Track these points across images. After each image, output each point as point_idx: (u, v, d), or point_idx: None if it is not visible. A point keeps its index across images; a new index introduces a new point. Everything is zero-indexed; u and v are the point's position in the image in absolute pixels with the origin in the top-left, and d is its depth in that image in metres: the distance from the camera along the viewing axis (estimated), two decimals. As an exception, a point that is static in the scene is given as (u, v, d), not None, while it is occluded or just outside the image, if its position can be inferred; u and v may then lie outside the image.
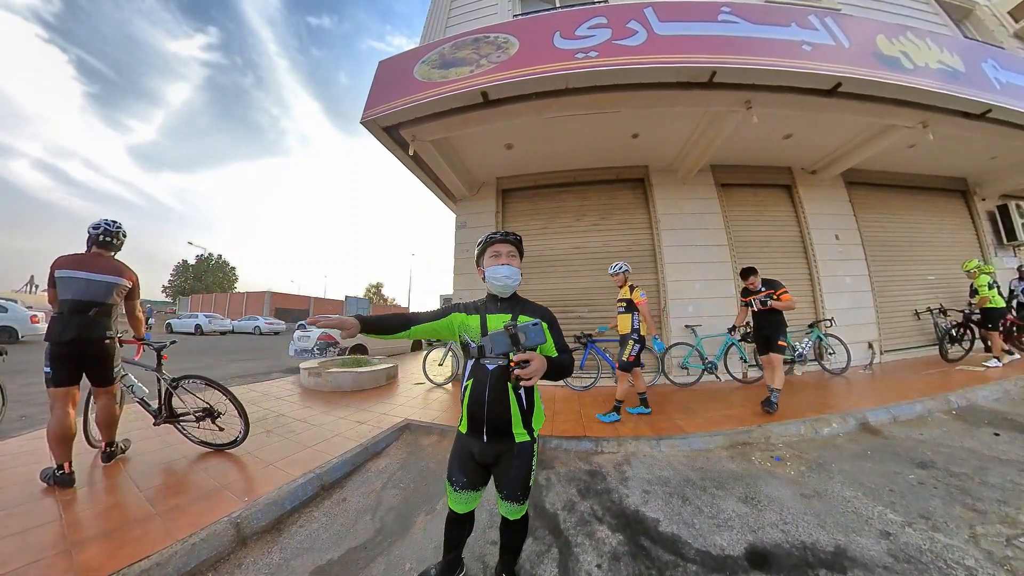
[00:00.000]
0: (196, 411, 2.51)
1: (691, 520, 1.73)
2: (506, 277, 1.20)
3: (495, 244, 1.24)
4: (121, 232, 2.26)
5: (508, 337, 1.01)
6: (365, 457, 2.55)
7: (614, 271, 3.38)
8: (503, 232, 1.26)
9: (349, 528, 1.77)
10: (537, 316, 1.17)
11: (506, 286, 1.21)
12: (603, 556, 1.50)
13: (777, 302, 3.25)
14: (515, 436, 1.14)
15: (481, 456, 1.18)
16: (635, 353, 3.11)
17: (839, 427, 2.79)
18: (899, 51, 3.82)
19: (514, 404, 1.13)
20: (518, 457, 1.15)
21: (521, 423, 1.15)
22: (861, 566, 1.39)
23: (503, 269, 1.20)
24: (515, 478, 1.16)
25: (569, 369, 1.16)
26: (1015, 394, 3.49)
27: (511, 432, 1.14)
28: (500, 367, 1.13)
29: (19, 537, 1.55)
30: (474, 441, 1.17)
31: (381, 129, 3.95)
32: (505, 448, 1.15)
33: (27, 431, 2.89)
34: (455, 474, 1.22)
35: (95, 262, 2.11)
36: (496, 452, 1.16)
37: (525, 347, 1.02)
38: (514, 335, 1.01)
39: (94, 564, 1.41)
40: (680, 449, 2.54)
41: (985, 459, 2.25)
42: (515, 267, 1.22)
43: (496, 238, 1.25)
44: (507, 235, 1.25)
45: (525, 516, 1.26)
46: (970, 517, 1.68)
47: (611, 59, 3.25)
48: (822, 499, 1.88)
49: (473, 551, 1.55)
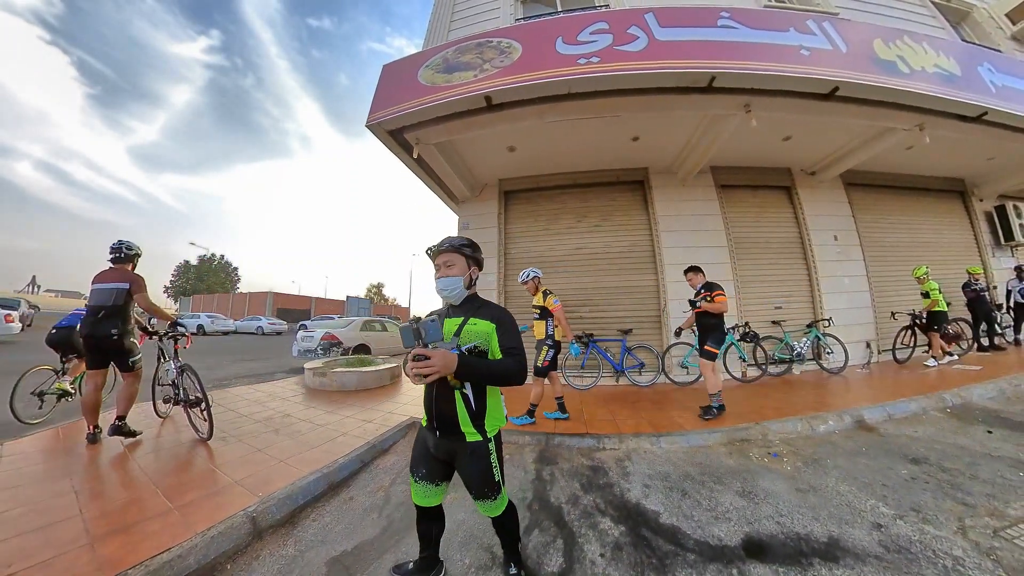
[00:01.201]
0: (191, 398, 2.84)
1: (690, 513, 1.79)
2: (442, 289, 1.23)
3: (436, 256, 1.25)
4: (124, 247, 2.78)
5: (412, 332, 1.06)
6: (373, 454, 2.62)
7: (523, 279, 3.34)
8: (440, 242, 1.26)
9: (359, 523, 1.83)
10: (487, 318, 1.19)
11: (446, 297, 1.24)
12: (606, 546, 1.56)
13: (709, 304, 3.14)
14: (465, 435, 1.15)
15: (436, 450, 1.21)
16: (549, 358, 3.11)
17: (835, 424, 2.86)
18: (896, 55, 3.88)
19: (459, 403, 1.14)
20: (471, 457, 1.16)
21: (470, 423, 1.15)
22: (853, 556, 1.46)
23: (439, 282, 1.23)
24: (474, 477, 1.17)
25: (511, 374, 1.11)
26: (1010, 392, 3.55)
27: (460, 431, 1.15)
28: None
29: (41, 532, 1.61)
30: (430, 435, 1.22)
31: (386, 132, 4.01)
32: (458, 447, 1.17)
33: (33, 431, 2.94)
34: (415, 464, 1.26)
35: (104, 274, 2.70)
36: (448, 449, 1.19)
37: (426, 342, 1.05)
38: (416, 330, 1.06)
39: (116, 556, 1.47)
40: (680, 446, 2.60)
41: (977, 455, 2.31)
42: (453, 276, 1.22)
43: (431, 251, 1.26)
44: (442, 245, 1.25)
45: (508, 510, 1.26)
46: (959, 510, 1.74)
47: (612, 65, 3.31)
48: (817, 493, 1.94)
49: (482, 542, 1.62)
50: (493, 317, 1.20)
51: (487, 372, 1.12)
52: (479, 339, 1.17)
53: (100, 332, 2.57)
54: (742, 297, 5.03)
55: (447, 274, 1.22)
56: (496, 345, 1.18)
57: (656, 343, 4.87)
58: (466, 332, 1.18)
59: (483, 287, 5.37)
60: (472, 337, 1.17)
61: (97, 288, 2.63)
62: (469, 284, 1.26)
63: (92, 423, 2.63)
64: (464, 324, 1.19)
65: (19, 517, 1.72)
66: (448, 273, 1.22)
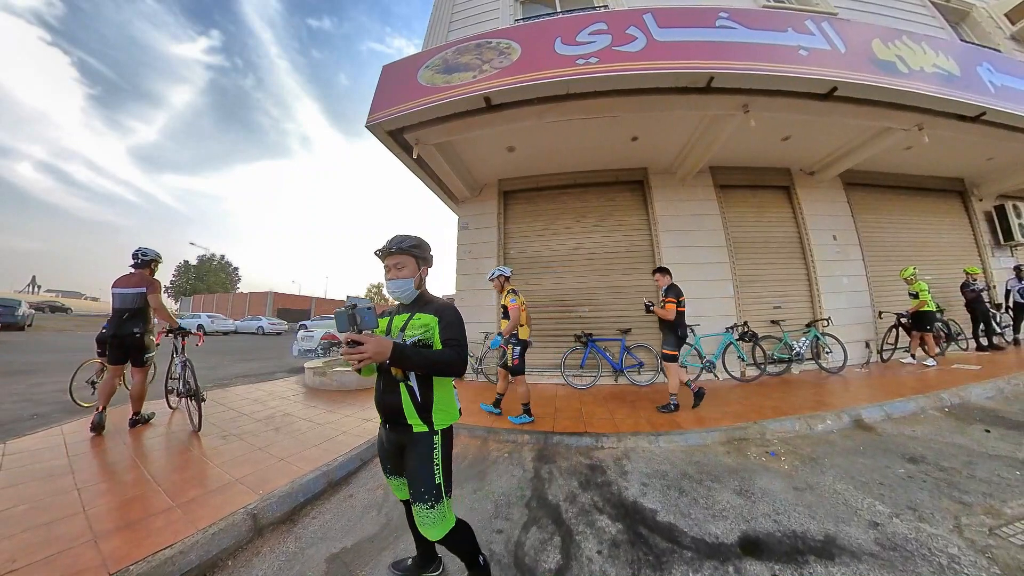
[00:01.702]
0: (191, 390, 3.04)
1: (687, 511, 1.80)
2: (393, 291, 1.25)
3: (385, 258, 1.25)
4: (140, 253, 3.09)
5: (347, 317, 1.06)
6: (372, 453, 2.63)
7: (490, 277, 3.39)
8: (387, 244, 1.25)
9: (358, 520, 1.85)
10: (430, 312, 1.22)
11: (397, 298, 1.26)
12: (603, 543, 1.58)
13: (659, 309, 3.26)
14: (412, 426, 1.17)
15: (388, 443, 1.25)
16: (517, 356, 3.08)
17: (833, 424, 2.87)
18: (894, 55, 3.88)
19: (404, 395, 1.16)
20: (414, 447, 1.16)
21: (416, 414, 1.16)
22: (849, 554, 1.47)
23: (390, 284, 1.25)
24: (413, 468, 1.15)
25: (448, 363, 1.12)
26: (1008, 392, 3.56)
27: (407, 422, 1.17)
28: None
29: (44, 528, 1.63)
30: (384, 429, 1.26)
31: (386, 133, 4.03)
32: (405, 438, 1.19)
33: (40, 429, 2.97)
34: (381, 460, 1.31)
35: (126, 279, 3.00)
36: (397, 441, 1.21)
37: (360, 328, 1.06)
38: (351, 315, 1.06)
39: (119, 552, 1.49)
40: (678, 445, 2.61)
41: (974, 454, 2.31)
42: (404, 278, 1.23)
43: (380, 253, 1.26)
44: (390, 248, 1.24)
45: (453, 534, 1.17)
46: (956, 509, 1.75)
47: (611, 65, 3.32)
48: (814, 492, 1.95)
49: (481, 538, 1.63)
50: (436, 311, 1.23)
51: (423, 361, 1.11)
52: (422, 332, 1.19)
53: (124, 331, 2.91)
54: (741, 297, 5.04)
55: (398, 276, 1.23)
56: (438, 338, 1.20)
57: (655, 343, 4.87)
58: (411, 327, 1.21)
59: (483, 287, 5.39)
60: (416, 331, 1.20)
61: (119, 292, 2.96)
62: (419, 284, 1.29)
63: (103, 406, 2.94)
64: (410, 319, 1.22)
65: (23, 514, 1.74)
66: (399, 275, 1.23)
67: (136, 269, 3.05)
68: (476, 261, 5.51)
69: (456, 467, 2.44)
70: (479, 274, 5.45)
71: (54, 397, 4.18)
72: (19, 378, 5.15)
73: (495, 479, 2.24)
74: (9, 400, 3.98)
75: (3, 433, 2.87)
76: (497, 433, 2.94)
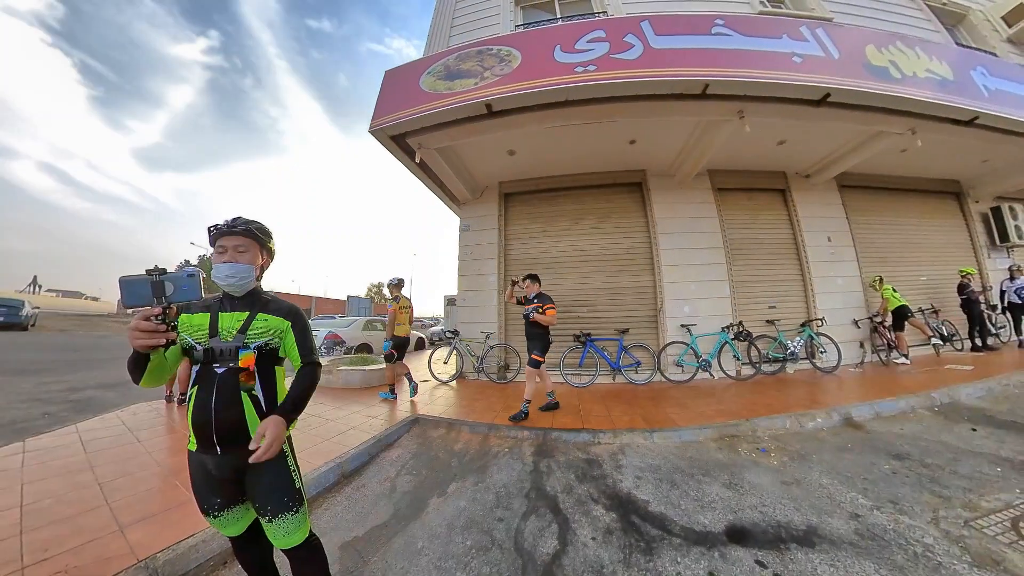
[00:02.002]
0: None
1: (678, 502, 1.90)
2: (228, 276, 1.03)
3: (221, 238, 1.04)
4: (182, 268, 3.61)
5: (151, 286, 0.82)
6: (380, 448, 2.74)
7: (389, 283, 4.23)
8: (230, 222, 1.05)
9: (369, 511, 1.95)
10: (280, 314, 1.09)
11: (230, 286, 1.05)
12: (598, 531, 1.68)
13: (540, 316, 3.27)
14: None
15: (219, 471, 1.01)
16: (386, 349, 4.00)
17: (823, 422, 2.96)
18: (888, 60, 3.96)
19: (248, 407, 1.00)
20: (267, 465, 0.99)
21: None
22: (829, 542, 1.56)
23: (226, 267, 1.03)
24: (269, 484, 1.01)
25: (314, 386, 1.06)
26: (998, 392, 3.63)
27: (244, 439, 0.99)
28: (229, 370, 1.00)
29: (71, 520, 1.72)
30: (207, 456, 1.00)
31: (389, 138, 4.13)
32: (246, 458, 0.94)
33: (56, 427, 3.07)
34: (205, 500, 1.03)
35: None
36: (235, 465, 1.00)
37: (171, 301, 0.85)
38: (158, 283, 0.82)
39: (144, 542, 1.58)
40: (672, 441, 2.71)
41: (959, 452, 2.39)
42: (243, 263, 1.05)
43: (222, 230, 1.04)
44: (234, 226, 1.04)
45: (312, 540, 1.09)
46: (935, 502, 1.83)
47: (609, 73, 3.41)
48: (800, 486, 2.04)
49: (482, 526, 1.74)
50: (288, 314, 1.10)
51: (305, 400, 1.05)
52: (270, 336, 1.06)
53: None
54: (737, 297, 5.13)
55: (238, 259, 1.04)
56: (291, 344, 1.09)
57: (652, 342, 4.97)
58: (254, 329, 1.05)
59: (484, 287, 5.49)
60: (261, 334, 1.05)
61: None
62: (259, 275, 1.12)
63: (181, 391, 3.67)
64: (252, 320, 1.06)
65: (49, 507, 1.83)
66: (239, 259, 1.04)
67: None
68: (478, 262, 5.61)
69: (459, 461, 2.54)
70: (481, 275, 5.55)
71: (62, 396, 4.29)
72: (26, 378, 5.26)
73: (496, 472, 2.34)
74: (19, 399, 4.09)
75: (19, 432, 2.97)
76: (498, 429, 3.04)
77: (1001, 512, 1.70)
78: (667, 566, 1.45)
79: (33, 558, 1.45)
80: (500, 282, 5.48)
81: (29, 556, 1.46)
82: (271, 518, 1.01)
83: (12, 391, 4.44)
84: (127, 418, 3.36)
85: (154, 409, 3.67)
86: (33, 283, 51.28)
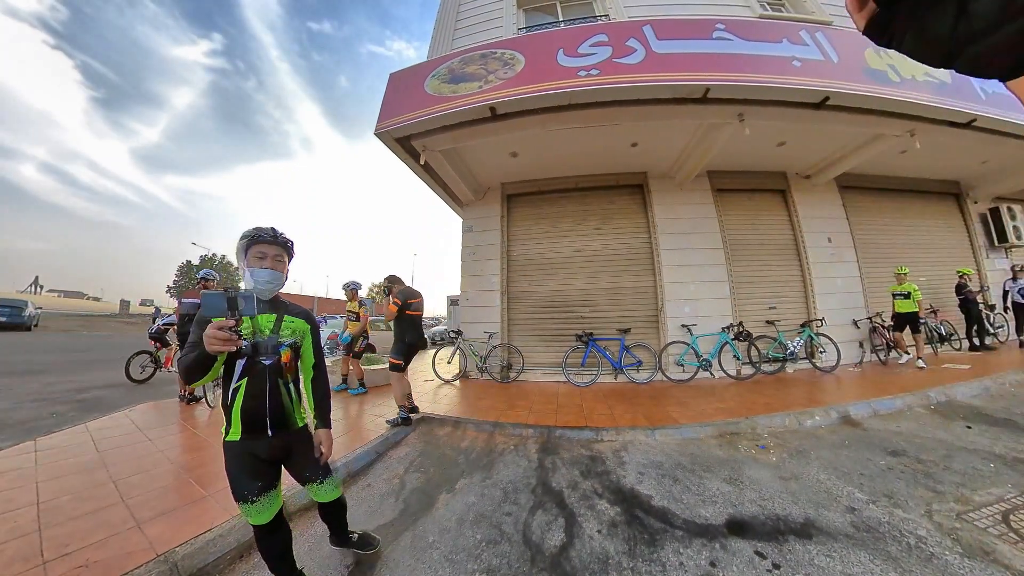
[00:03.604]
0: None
1: (680, 496, 1.96)
2: (268, 281, 1.18)
3: (263, 244, 1.18)
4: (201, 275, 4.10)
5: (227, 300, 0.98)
6: (387, 447, 2.79)
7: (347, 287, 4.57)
8: (273, 232, 1.20)
9: (377, 507, 2.00)
10: (301, 317, 1.27)
11: (268, 290, 1.20)
12: (603, 524, 1.74)
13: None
14: (296, 422, 1.25)
15: (270, 453, 1.20)
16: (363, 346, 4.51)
17: (822, 419, 3.01)
18: (886, 64, 4.01)
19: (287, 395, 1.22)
20: (301, 440, 1.26)
21: (295, 411, 1.26)
22: (825, 534, 1.62)
23: (267, 273, 1.18)
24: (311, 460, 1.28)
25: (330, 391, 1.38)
26: (994, 390, 3.69)
27: (291, 420, 1.23)
28: (275, 362, 1.18)
29: (89, 517, 1.77)
30: (256, 442, 1.17)
31: (394, 140, 4.18)
32: (291, 438, 1.24)
33: (67, 426, 3.12)
34: (246, 487, 1.15)
35: (190, 293, 3.94)
36: (283, 445, 1.22)
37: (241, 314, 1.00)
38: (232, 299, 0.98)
39: (163, 536, 1.62)
40: (673, 438, 2.77)
41: (954, 449, 2.45)
42: (279, 271, 1.21)
43: (265, 238, 1.18)
44: (277, 237, 1.20)
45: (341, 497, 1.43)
46: (929, 497, 1.89)
47: (611, 77, 3.46)
48: (798, 481, 2.10)
49: (491, 520, 1.79)
50: (307, 319, 1.31)
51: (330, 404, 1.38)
52: (297, 336, 1.26)
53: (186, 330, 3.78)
54: (737, 297, 5.18)
55: (276, 267, 1.20)
56: (308, 346, 1.31)
57: (653, 342, 5.03)
58: (284, 329, 1.23)
59: (487, 288, 5.54)
60: (291, 334, 1.24)
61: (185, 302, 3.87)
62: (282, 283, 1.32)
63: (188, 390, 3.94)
64: (281, 321, 1.23)
65: (67, 504, 1.88)
66: (276, 267, 1.20)
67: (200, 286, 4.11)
68: (480, 263, 5.67)
69: (465, 458, 2.60)
70: (484, 275, 5.60)
71: (68, 396, 4.34)
72: (32, 378, 5.31)
73: (502, 469, 2.40)
74: (27, 399, 4.13)
75: (29, 431, 3.02)
76: (503, 427, 3.10)
77: (992, 506, 1.76)
78: (670, 557, 1.51)
79: (54, 553, 1.50)
80: (503, 283, 5.53)
81: (50, 552, 1.51)
82: (321, 480, 1.32)
83: (19, 391, 4.49)
84: (136, 417, 3.41)
85: (162, 408, 3.72)
86: (35, 283, 51.36)
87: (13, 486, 2.07)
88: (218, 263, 49.09)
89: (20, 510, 1.83)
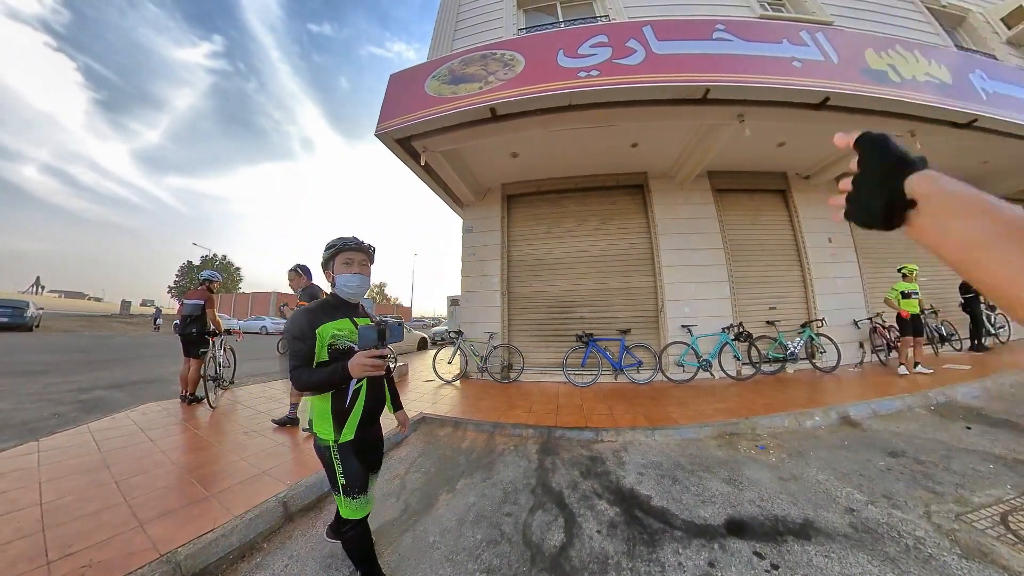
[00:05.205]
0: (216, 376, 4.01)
1: (679, 497, 1.97)
2: (358, 286, 1.26)
3: (348, 251, 1.26)
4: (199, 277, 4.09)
5: (377, 333, 1.12)
6: (387, 447, 2.79)
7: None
8: (357, 240, 1.27)
9: (380, 506, 2.01)
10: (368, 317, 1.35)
11: (356, 294, 1.29)
12: (602, 524, 1.75)
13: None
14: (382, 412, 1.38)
15: (375, 443, 1.34)
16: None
17: (821, 420, 3.02)
18: (887, 64, 4.00)
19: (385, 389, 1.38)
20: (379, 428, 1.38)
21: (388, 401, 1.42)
22: (824, 535, 1.62)
23: (355, 278, 1.25)
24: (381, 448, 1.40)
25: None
26: (994, 391, 3.69)
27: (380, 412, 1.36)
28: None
29: (92, 517, 1.78)
30: (367, 436, 1.27)
31: (394, 141, 4.18)
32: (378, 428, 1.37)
33: (69, 427, 3.12)
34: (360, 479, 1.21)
35: (192, 293, 4.01)
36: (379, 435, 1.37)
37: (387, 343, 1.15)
38: (382, 331, 1.13)
39: (166, 536, 1.63)
40: (672, 438, 2.78)
41: (953, 449, 2.45)
42: (366, 276, 1.29)
43: (351, 245, 1.26)
44: (361, 244, 1.28)
45: None
46: (928, 498, 1.89)
47: (611, 78, 3.47)
48: (797, 481, 2.11)
49: (491, 520, 1.80)
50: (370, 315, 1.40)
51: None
52: None
53: (187, 331, 3.87)
54: (737, 298, 5.18)
55: (364, 273, 1.29)
56: None
57: (654, 342, 5.03)
58: None
59: (487, 288, 5.55)
60: None
61: (187, 302, 3.95)
62: None
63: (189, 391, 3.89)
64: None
65: (70, 505, 1.88)
66: (362, 271, 1.28)
67: (200, 286, 4.09)
68: (481, 263, 5.67)
69: (466, 459, 2.61)
70: (484, 276, 5.61)
71: (70, 396, 4.34)
72: (34, 378, 5.32)
73: (503, 469, 2.41)
74: (29, 400, 4.13)
75: (31, 432, 3.02)
76: (503, 428, 3.11)
77: (991, 507, 1.76)
78: (669, 557, 1.51)
79: (58, 553, 1.50)
80: (503, 283, 5.54)
81: (54, 551, 1.51)
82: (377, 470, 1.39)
83: (21, 392, 4.50)
84: (138, 418, 3.42)
85: (164, 409, 3.73)
86: (36, 284, 51.49)
87: (16, 486, 2.08)
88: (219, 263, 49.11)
89: (24, 510, 1.83)
